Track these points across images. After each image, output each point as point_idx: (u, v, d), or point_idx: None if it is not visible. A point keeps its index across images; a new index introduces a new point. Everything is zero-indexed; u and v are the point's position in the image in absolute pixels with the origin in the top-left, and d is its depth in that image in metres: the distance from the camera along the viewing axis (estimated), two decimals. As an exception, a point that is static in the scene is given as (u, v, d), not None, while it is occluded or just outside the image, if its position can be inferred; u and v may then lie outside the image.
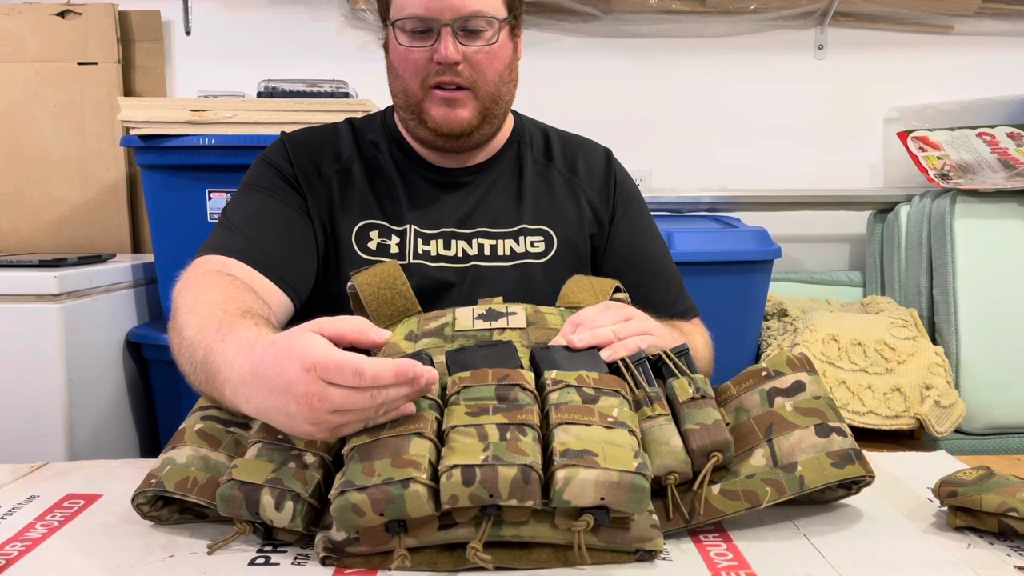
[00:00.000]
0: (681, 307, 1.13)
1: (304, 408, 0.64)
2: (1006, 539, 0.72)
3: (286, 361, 0.65)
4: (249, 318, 0.79)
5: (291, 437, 0.72)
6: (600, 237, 1.14)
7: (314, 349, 0.64)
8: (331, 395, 0.63)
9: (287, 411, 0.65)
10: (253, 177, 1.10)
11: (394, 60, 1.05)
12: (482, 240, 1.08)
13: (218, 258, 0.98)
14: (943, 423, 1.74)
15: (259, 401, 0.68)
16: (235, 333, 0.75)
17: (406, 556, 0.64)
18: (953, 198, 1.96)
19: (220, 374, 0.73)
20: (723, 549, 0.70)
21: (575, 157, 1.17)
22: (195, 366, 0.78)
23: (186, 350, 0.80)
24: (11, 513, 0.78)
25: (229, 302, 0.84)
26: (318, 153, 1.11)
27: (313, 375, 0.63)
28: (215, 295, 0.86)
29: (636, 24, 2.30)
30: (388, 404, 0.65)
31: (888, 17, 2.32)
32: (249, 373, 0.69)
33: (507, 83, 1.07)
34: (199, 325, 0.80)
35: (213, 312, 0.81)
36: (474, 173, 1.12)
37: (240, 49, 2.29)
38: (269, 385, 0.66)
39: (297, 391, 0.64)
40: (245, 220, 1.04)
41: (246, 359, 0.70)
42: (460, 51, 1.01)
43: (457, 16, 1.00)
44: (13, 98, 2.08)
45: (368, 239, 1.07)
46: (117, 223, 2.10)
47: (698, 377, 0.77)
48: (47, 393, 1.48)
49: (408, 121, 1.08)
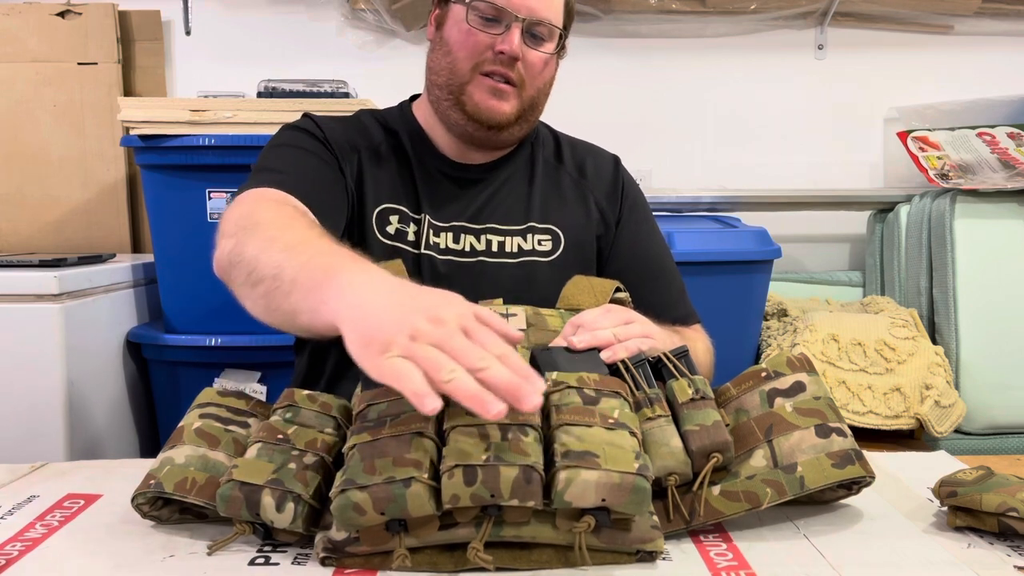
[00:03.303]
0: (682, 312, 1.13)
1: (422, 322, 0.62)
2: (1006, 539, 0.72)
3: (446, 297, 0.66)
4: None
5: (292, 436, 0.72)
6: (606, 239, 1.15)
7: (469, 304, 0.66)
8: (455, 333, 0.62)
9: (399, 314, 0.63)
10: (283, 139, 1.08)
11: (450, 37, 1.06)
12: (491, 236, 1.09)
13: (274, 191, 0.95)
14: (943, 423, 1.74)
15: (379, 296, 0.66)
16: (366, 260, 0.75)
17: (406, 556, 0.64)
18: (953, 198, 1.96)
19: (333, 271, 0.71)
20: (723, 549, 0.70)
21: (584, 160, 1.19)
22: (282, 270, 0.75)
23: (277, 253, 0.77)
24: (11, 513, 0.78)
25: (315, 227, 0.84)
26: (347, 130, 1.11)
27: (463, 315, 0.63)
28: (311, 220, 0.86)
29: (636, 24, 2.30)
30: (475, 370, 0.60)
31: (888, 17, 2.32)
32: (389, 281, 0.69)
33: (545, 95, 1.11)
34: (307, 237, 0.79)
35: (322, 233, 0.81)
36: (488, 170, 1.13)
37: (240, 49, 2.29)
38: (406, 294, 0.66)
39: (433, 311, 0.63)
40: (285, 165, 1.02)
41: (377, 271, 0.71)
42: (523, 49, 1.02)
43: (532, 16, 1.02)
44: (13, 98, 2.07)
45: (388, 223, 1.07)
46: (117, 223, 2.10)
47: (698, 379, 0.77)
48: (47, 393, 1.48)
49: (443, 101, 1.08)
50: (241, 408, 0.80)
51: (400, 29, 2.24)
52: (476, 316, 0.65)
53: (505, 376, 0.59)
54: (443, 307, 0.64)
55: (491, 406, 0.57)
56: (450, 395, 0.59)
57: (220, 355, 1.71)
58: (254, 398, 0.82)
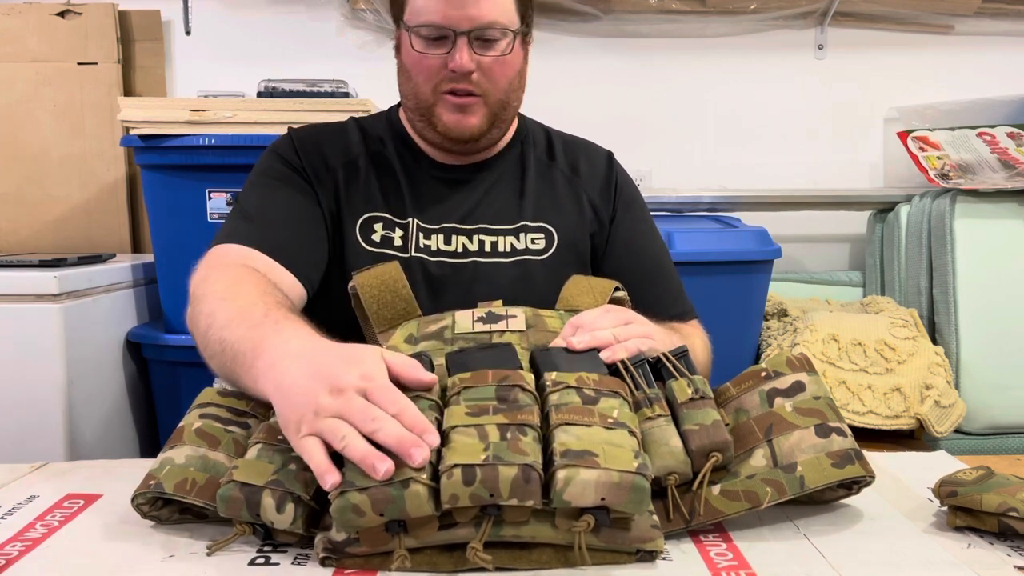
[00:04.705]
0: (680, 309, 1.13)
1: (324, 396, 0.66)
2: (1006, 539, 0.72)
3: (350, 354, 0.70)
4: (295, 315, 0.83)
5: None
6: (600, 236, 1.14)
7: (382, 362, 0.69)
8: (352, 399, 0.66)
9: (305, 391, 0.67)
10: (264, 168, 1.11)
11: (407, 63, 1.06)
12: (483, 236, 1.09)
13: (237, 248, 0.98)
14: (943, 423, 1.74)
15: (291, 376, 0.69)
16: (291, 322, 0.79)
17: (406, 556, 0.64)
18: (953, 198, 1.96)
19: (259, 348, 0.75)
20: (723, 549, 0.70)
21: (577, 157, 1.18)
22: (225, 346, 0.80)
23: (218, 331, 0.82)
24: (11, 513, 0.77)
25: (267, 295, 0.87)
26: (325, 147, 1.12)
27: (366, 375, 0.67)
28: (250, 288, 0.88)
29: (636, 24, 2.30)
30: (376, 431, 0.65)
31: (888, 17, 2.32)
32: (304, 353, 0.72)
33: (516, 90, 1.09)
34: (242, 308, 0.82)
35: (254, 300, 0.84)
36: (477, 171, 1.13)
37: (240, 49, 2.29)
38: (315, 366, 0.69)
39: (334, 380, 0.67)
40: (260, 209, 1.04)
41: (308, 340, 0.74)
42: (475, 60, 1.01)
43: (474, 26, 1.00)
44: (13, 98, 2.08)
45: (372, 231, 1.07)
46: (117, 223, 2.11)
47: (697, 378, 0.77)
48: (47, 393, 1.48)
49: (417, 123, 1.09)
50: (241, 408, 0.80)
51: (400, 29, 2.24)
52: (389, 366, 0.69)
53: (394, 434, 0.63)
54: (343, 374, 0.67)
55: (378, 466, 0.62)
56: (346, 456, 0.63)
57: (220, 355, 1.71)
58: (254, 399, 0.82)
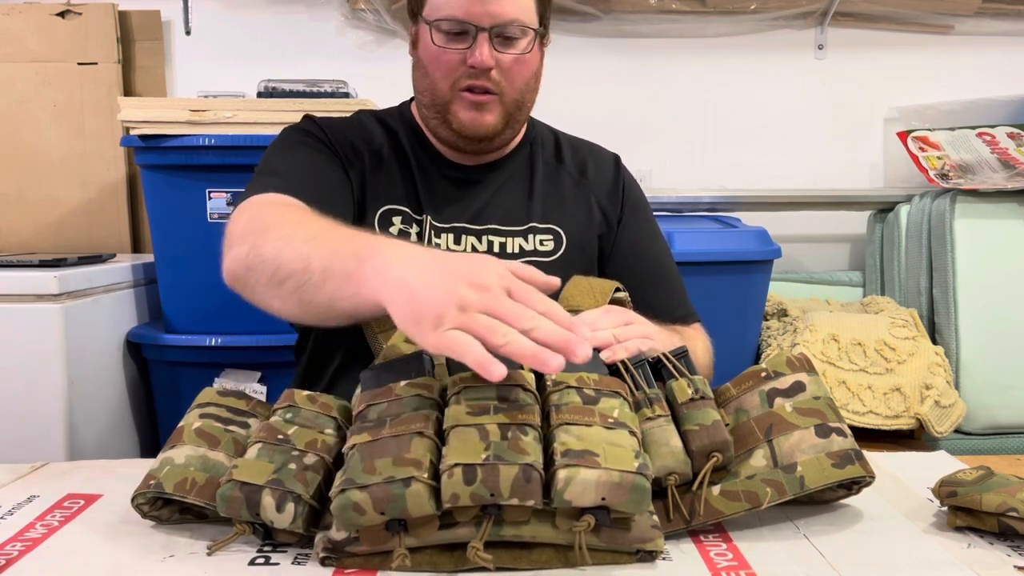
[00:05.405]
0: (682, 312, 1.13)
1: (467, 290, 0.64)
2: (1006, 539, 0.72)
3: (480, 261, 0.69)
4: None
5: (292, 436, 0.72)
6: (607, 238, 1.15)
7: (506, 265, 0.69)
8: (501, 297, 0.65)
9: (443, 286, 0.65)
10: (284, 139, 1.08)
11: (424, 58, 1.05)
12: (492, 237, 1.09)
13: (273, 195, 0.95)
14: (943, 423, 1.74)
15: (418, 273, 0.68)
16: (387, 236, 0.78)
17: (406, 556, 0.64)
18: (953, 198, 1.96)
19: (364, 254, 0.72)
20: (723, 549, 0.70)
21: (585, 160, 1.19)
22: (310, 260, 0.76)
23: (300, 245, 0.78)
24: (11, 513, 0.78)
25: (327, 218, 0.85)
26: (349, 132, 1.11)
27: (503, 276, 0.66)
28: (310, 213, 0.87)
29: (636, 24, 2.30)
30: (527, 330, 0.64)
31: (888, 17, 2.32)
32: (422, 254, 0.70)
33: (532, 91, 1.09)
34: (324, 225, 0.81)
35: (334, 222, 0.82)
36: (488, 171, 1.13)
37: (240, 49, 2.29)
38: (444, 264, 0.68)
39: (474, 277, 0.65)
40: (286, 167, 1.02)
41: (418, 247, 0.74)
42: (495, 57, 1.01)
43: (496, 22, 1.00)
44: (13, 98, 2.07)
45: (391, 223, 1.07)
46: (117, 223, 2.10)
47: (697, 378, 0.77)
48: (47, 393, 1.48)
49: (431, 119, 1.08)
50: (241, 408, 0.80)
51: (400, 29, 2.24)
52: (514, 273, 0.68)
53: (554, 332, 0.63)
54: (483, 272, 0.66)
55: (551, 362, 0.61)
56: (509, 356, 0.62)
57: (220, 355, 1.71)
58: (254, 398, 0.82)
